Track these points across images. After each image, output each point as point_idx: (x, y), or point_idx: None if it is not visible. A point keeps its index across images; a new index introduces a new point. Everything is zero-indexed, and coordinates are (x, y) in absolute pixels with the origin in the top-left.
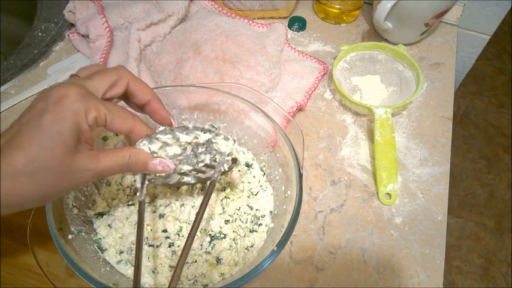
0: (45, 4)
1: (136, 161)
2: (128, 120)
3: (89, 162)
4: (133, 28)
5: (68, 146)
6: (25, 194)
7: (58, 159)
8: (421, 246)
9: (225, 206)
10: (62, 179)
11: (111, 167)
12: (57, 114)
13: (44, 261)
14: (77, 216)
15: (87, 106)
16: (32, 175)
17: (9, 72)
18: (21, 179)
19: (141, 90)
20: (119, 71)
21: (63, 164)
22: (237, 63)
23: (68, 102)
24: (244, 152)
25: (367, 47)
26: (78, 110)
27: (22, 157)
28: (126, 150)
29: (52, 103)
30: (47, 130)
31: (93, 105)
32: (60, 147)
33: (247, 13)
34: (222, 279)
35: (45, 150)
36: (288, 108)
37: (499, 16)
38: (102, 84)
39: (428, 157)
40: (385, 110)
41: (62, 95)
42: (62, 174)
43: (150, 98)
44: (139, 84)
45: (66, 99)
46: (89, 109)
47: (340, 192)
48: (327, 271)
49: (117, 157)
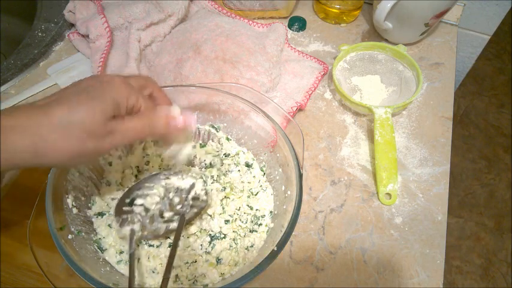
0: (45, 4)
1: (158, 120)
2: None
3: (117, 124)
4: (133, 28)
5: (106, 113)
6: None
7: (95, 119)
8: (421, 246)
9: (225, 206)
10: (90, 138)
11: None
12: (105, 88)
13: (44, 261)
14: (77, 216)
15: (129, 92)
16: (68, 125)
17: (9, 72)
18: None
19: (162, 98)
20: (147, 79)
21: (96, 124)
22: (237, 63)
23: (115, 83)
24: (244, 152)
25: (367, 47)
26: (122, 92)
27: (64, 109)
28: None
29: (101, 81)
30: (92, 96)
31: (135, 93)
32: (100, 109)
33: (247, 13)
34: (222, 279)
35: (88, 108)
36: (288, 108)
37: (499, 16)
38: (136, 82)
39: (428, 157)
40: (385, 110)
41: (111, 78)
42: (92, 134)
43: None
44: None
45: (114, 81)
46: (130, 94)
47: (340, 192)
48: (327, 271)
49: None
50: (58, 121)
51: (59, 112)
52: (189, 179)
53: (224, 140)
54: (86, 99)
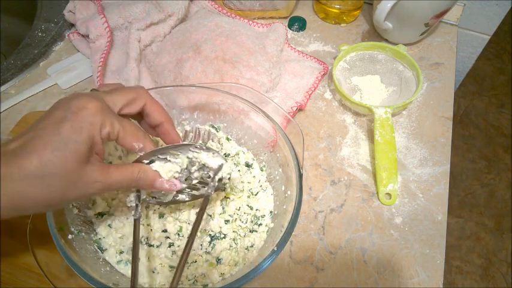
0: (45, 4)
1: (145, 177)
2: (139, 138)
3: (99, 174)
4: (134, 28)
5: (81, 156)
6: (33, 197)
7: (70, 167)
8: (421, 246)
9: (225, 206)
10: (71, 188)
11: (120, 181)
12: (76, 123)
13: (44, 261)
14: (77, 216)
15: (103, 120)
16: (42, 179)
17: (9, 72)
18: (31, 181)
19: (156, 111)
20: (138, 91)
21: (74, 173)
22: (237, 63)
23: (86, 113)
24: (244, 152)
25: (367, 47)
26: (94, 123)
27: (35, 160)
28: (135, 166)
29: (71, 112)
30: (63, 138)
31: (109, 120)
32: (73, 156)
33: (247, 13)
34: (222, 279)
35: (59, 156)
36: (288, 108)
37: (499, 16)
38: (120, 100)
39: (428, 157)
40: (385, 110)
41: (81, 106)
42: (72, 183)
43: (163, 120)
44: (155, 105)
45: (85, 110)
46: (104, 123)
47: (340, 192)
48: (327, 271)
49: (127, 172)
50: (32, 175)
51: (30, 165)
52: (218, 159)
53: (224, 140)
54: (56, 144)
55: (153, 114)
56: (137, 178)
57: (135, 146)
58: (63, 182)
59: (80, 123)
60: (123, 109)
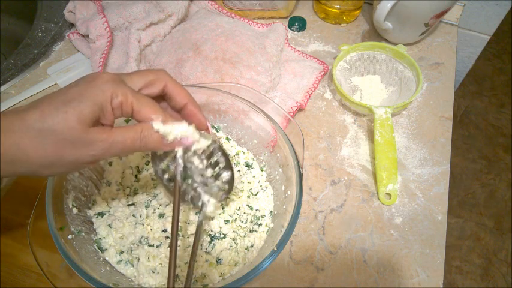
0: (45, 4)
1: (149, 135)
2: (157, 111)
3: (101, 133)
4: (134, 28)
5: (84, 118)
6: (28, 149)
7: (69, 125)
8: (421, 246)
9: (225, 206)
10: (67, 146)
11: (123, 140)
12: (84, 89)
13: (44, 261)
14: (77, 216)
15: (115, 89)
16: (40, 132)
17: (9, 72)
18: (29, 133)
19: (179, 93)
20: (158, 73)
21: (72, 131)
22: (237, 63)
23: (98, 82)
24: (244, 152)
25: (367, 47)
26: (105, 90)
27: (37, 114)
28: (139, 126)
29: (84, 81)
30: (68, 97)
31: (121, 90)
32: (75, 116)
33: (247, 13)
34: (222, 279)
35: (60, 113)
36: (288, 108)
37: (499, 16)
38: (139, 80)
39: (428, 157)
40: (385, 110)
41: (96, 76)
42: (69, 142)
43: (187, 102)
44: (177, 87)
45: (98, 79)
46: (115, 93)
47: (340, 192)
48: (327, 271)
49: (130, 130)
50: (31, 126)
51: (32, 116)
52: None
53: (224, 140)
54: (61, 102)
55: (175, 95)
56: (141, 136)
57: (153, 117)
58: (60, 139)
59: (89, 89)
60: (142, 90)
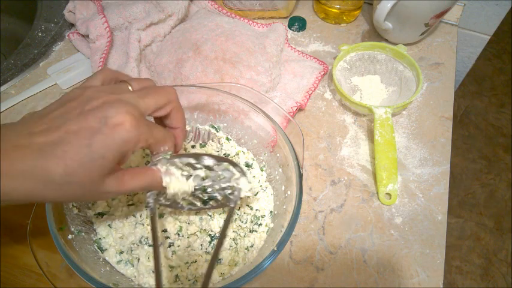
0: (45, 4)
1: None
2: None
3: (115, 184)
4: (134, 28)
5: (106, 170)
6: (47, 196)
7: (92, 179)
8: (421, 246)
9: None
10: (86, 195)
11: (134, 189)
12: (109, 139)
13: (44, 261)
14: (77, 216)
15: (138, 138)
16: (61, 186)
17: (9, 72)
18: (51, 186)
19: (178, 118)
20: (169, 97)
21: (93, 184)
22: (237, 63)
23: (122, 130)
24: (244, 152)
25: (367, 47)
26: (129, 140)
27: (60, 169)
28: (149, 174)
29: (107, 127)
30: (94, 152)
31: (144, 137)
32: (98, 170)
33: (247, 13)
34: (222, 279)
35: (85, 169)
36: (288, 108)
37: (499, 16)
38: (152, 105)
39: (428, 157)
40: (385, 110)
41: (118, 123)
42: (88, 191)
43: (180, 127)
44: (179, 112)
45: (123, 125)
46: (139, 141)
47: (340, 192)
48: (327, 271)
49: (141, 181)
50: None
51: (54, 170)
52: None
53: (224, 140)
54: (86, 156)
55: (174, 119)
56: (150, 186)
57: (161, 149)
58: (80, 190)
59: (113, 139)
60: (153, 113)
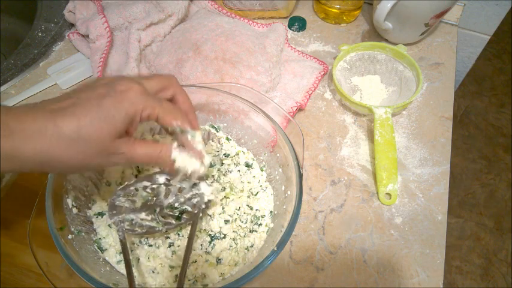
0: (45, 4)
1: (166, 157)
2: (177, 117)
3: (125, 146)
4: (134, 28)
5: (115, 131)
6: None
7: (102, 137)
8: (421, 246)
9: (225, 206)
10: (95, 155)
11: (142, 156)
12: (118, 101)
13: (44, 261)
14: (77, 216)
15: (145, 103)
16: (73, 141)
17: (9, 72)
18: (63, 141)
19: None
20: (171, 80)
21: (103, 143)
22: (237, 63)
23: (130, 94)
24: (244, 152)
25: (367, 47)
26: (137, 104)
27: (73, 124)
28: (159, 145)
29: (115, 91)
30: (104, 110)
31: (150, 103)
32: (108, 128)
33: (247, 13)
34: (222, 279)
35: (95, 126)
36: (288, 108)
37: (499, 16)
38: (155, 85)
39: (428, 157)
40: (385, 110)
41: (126, 87)
42: (98, 151)
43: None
44: (183, 95)
45: (129, 91)
46: (145, 106)
47: (340, 192)
48: (327, 271)
49: (150, 148)
50: (65, 134)
51: (66, 126)
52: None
53: (224, 140)
54: (97, 114)
55: (180, 101)
56: (158, 156)
57: (174, 123)
58: (91, 149)
59: (122, 101)
60: (157, 94)
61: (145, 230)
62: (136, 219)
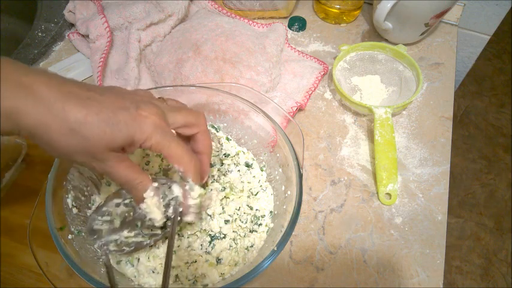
0: (45, 4)
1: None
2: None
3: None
4: (134, 28)
5: (113, 143)
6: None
7: (99, 142)
8: (421, 246)
9: (225, 206)
10: (83, 154)
11: (121, 177)
12: (132, 120)
13: (44, 261)
14: (77, 216)
15: (151, 135)
16: (71, 132)
17: None
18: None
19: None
20: (198, 119)
21: (97, 148)
22: (237, 63)
23: (146, 122)
24: (244, 152)
25: (367, 47)
26: (145, 133)
27: (80, 115)
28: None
29: (135, 110)
30: (114, 120)
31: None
32: (108, 138)
33: (247, 13)
34: (222, 279)
35: (99, 128)
36: (288, 108)
37: (499, 16)
38: (180, 120)
39: (428, 157)
40: (385, 110)
41: (147, 113)
42: (87, 152)
43: (205, 152)
44: (206, 137)
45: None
46: (150, 137)
47: (340, 192)
48: (327, 271)
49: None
50: (68, 121)
51: (75, 113)
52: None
53: (224, 140)
54: (106, 120)
55: (200, 144)
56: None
57: (176, 168)
58: (83, 146)
59: (133, 123)
60: (178, 129)
61: (133, 247)
62: (120, 238)
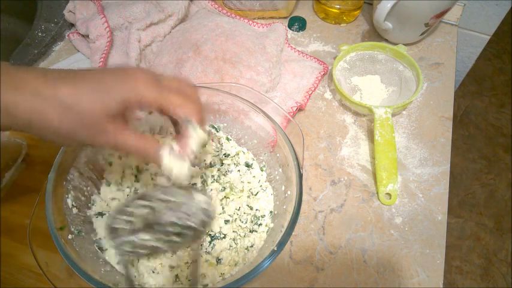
0: (45, 4)
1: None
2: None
3: (113, 129)
4: (134, 28)
5: (107, 111)
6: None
7: (93, 110)
8: (421, 246)
9: (225, 206)
10: (84, 127)
11: (130, 146)
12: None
13: (44, 261)
14: (77, 216)
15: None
16: (66, 108)
17: None
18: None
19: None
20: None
21: (93, 116)
22: (237, 63)
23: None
24: (244, 152)
25: (367, 47)
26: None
27: (70, 91)
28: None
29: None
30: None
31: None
32: (101, 106)
33: (247, 13)
34: (222, 279)
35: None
36: (288, 108)
37: (499, 16)
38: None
39: (428, 157)
40: (385, 110)
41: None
42: (87, 125)
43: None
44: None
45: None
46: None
47: (340, 192)
48: (327, 271)
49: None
50: (60, 99)
51: (65, 91)
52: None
53: (224, 140)
54: (93, 89)
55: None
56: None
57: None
58: (81, 120)
59: (122, 82)
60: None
61: (149, 251)
62: (136, 240)
